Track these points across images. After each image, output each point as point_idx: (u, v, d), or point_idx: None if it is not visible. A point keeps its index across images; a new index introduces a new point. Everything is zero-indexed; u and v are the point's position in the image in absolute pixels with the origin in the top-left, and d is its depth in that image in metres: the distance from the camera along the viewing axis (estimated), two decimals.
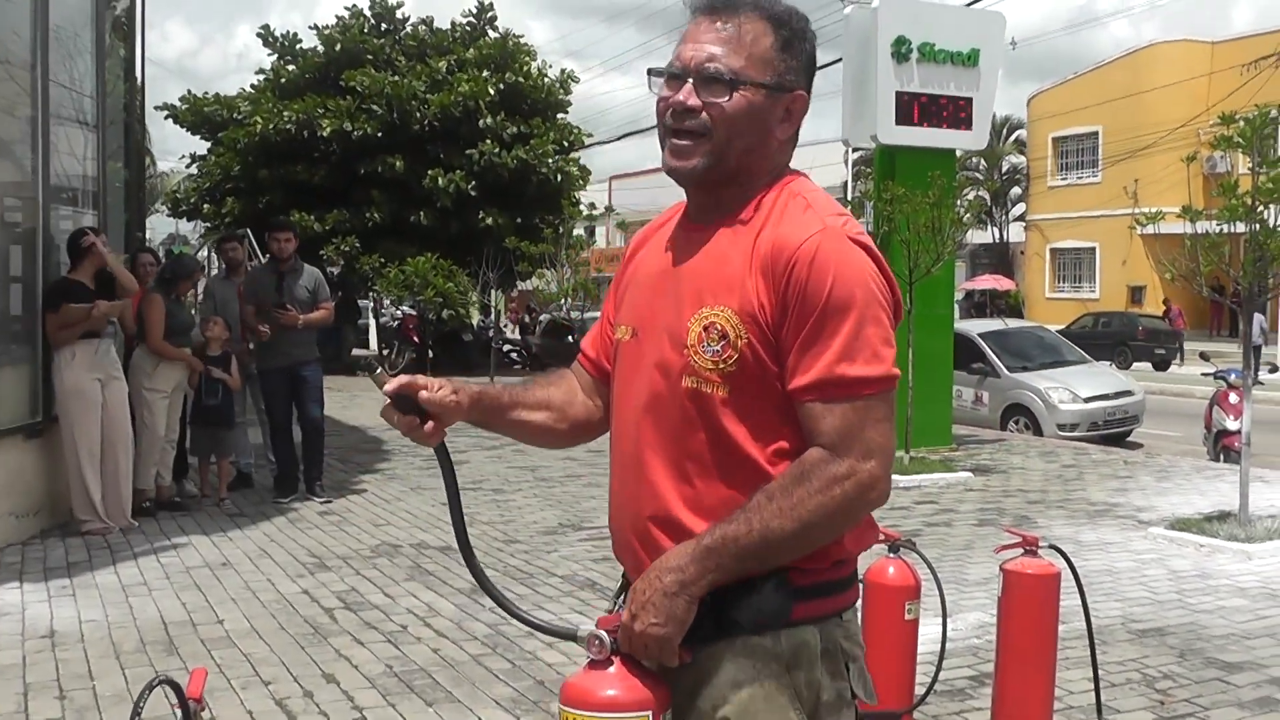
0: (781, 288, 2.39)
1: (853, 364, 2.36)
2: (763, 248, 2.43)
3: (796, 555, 2.43)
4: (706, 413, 2.46)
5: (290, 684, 6.37)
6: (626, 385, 2.64)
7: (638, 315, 2.64)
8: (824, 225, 2.43)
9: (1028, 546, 5.61)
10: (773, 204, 2.52)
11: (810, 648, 2.49)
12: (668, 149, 2.56)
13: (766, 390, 2.44)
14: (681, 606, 2.39)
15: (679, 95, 2.51)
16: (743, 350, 2.41)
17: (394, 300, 30.84)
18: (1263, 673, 6.79)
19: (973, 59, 15.68)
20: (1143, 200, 32.54)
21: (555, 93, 32.30)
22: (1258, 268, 10.20)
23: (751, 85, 2.48)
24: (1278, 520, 10.59)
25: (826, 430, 2.37)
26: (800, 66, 2.57)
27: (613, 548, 2.75)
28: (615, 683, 2.43)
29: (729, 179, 2.54)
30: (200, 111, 32.40)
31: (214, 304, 12.54)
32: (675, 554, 2.42)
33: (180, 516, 10.90)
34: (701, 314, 2.45)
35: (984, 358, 19.55)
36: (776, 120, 2.55)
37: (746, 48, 2.49)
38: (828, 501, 2.35)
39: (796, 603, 2.47)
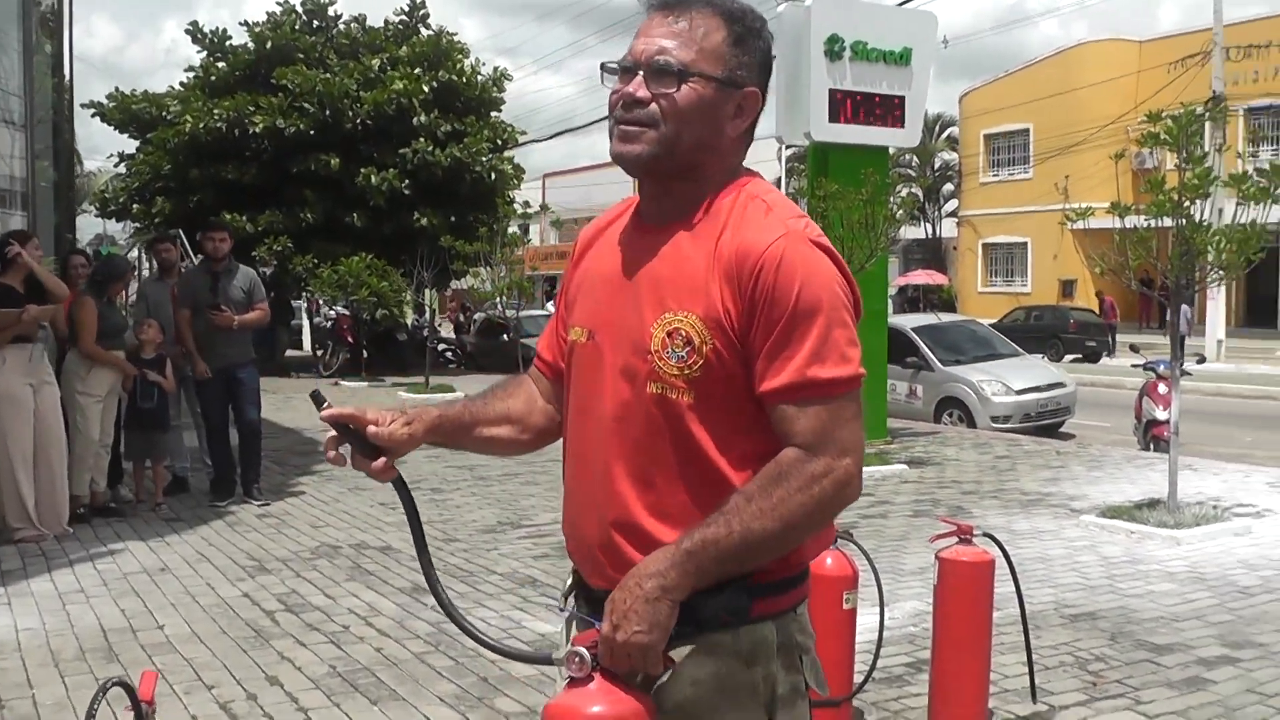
0: (749, 293, 2.41)
1: (824, 366, 2.40)
2: (725, 252, 2.45)
3: (776, 555, 2.47)
4: (672, 418, 2.47)
5: (234, 687, 6.37)
6: (586, 389, 2.63)
7: (594, 318, 2.64)
8: (787, 229, 2.45)
9: (962, 535, 5.73)
10: (731, 207, 2.52)
11: (768, 643, 2.52)
12: (615, 135, 2.55)
13: (731, 395, 2.46)
14: (664, 612, 2.39)
15: (629, 87, 2.52)
16: (708, 356, 2.43)
17: (328, 300, 30.67)
18: (1191, 654, 6.96)
19: (905, 58, 15.83)
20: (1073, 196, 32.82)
21: (489, 91, 32.22)
22: (1184, 261, 10.37)
23: (701, 78, 2.49)
24: (1206, 507, 10.83)
25: (802, 431, 2.41)
26: (754, 63, 2.58)
27: (568, 550, 2.76)
28: (600, 699, 2.41)
29: (680, 173, 2.55)
30: (128, 109, 32.05)
31: (147, 306, 12.42)
32: (654, 560, 2.41)
33: (116, 522, 10.82)
34: (664, 319, 2.47)
35: (918, 352, 19.74)
36: (728, 115, 2.55)
37: (698, 42, 2.50)
38: (807, 500, 2.38)
39: (755, 600, 2.49)
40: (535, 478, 13.08)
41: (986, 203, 55.38)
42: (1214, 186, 10.50)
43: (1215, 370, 29.40)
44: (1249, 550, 9.64)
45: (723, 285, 2.42)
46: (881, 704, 6.16)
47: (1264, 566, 9.07)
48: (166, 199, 30.80)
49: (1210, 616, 7.72)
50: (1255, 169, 10.50)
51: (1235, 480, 12.86)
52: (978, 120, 55.56)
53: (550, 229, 70.92)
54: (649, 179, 2.60)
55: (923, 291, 57.79)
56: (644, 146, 2.51)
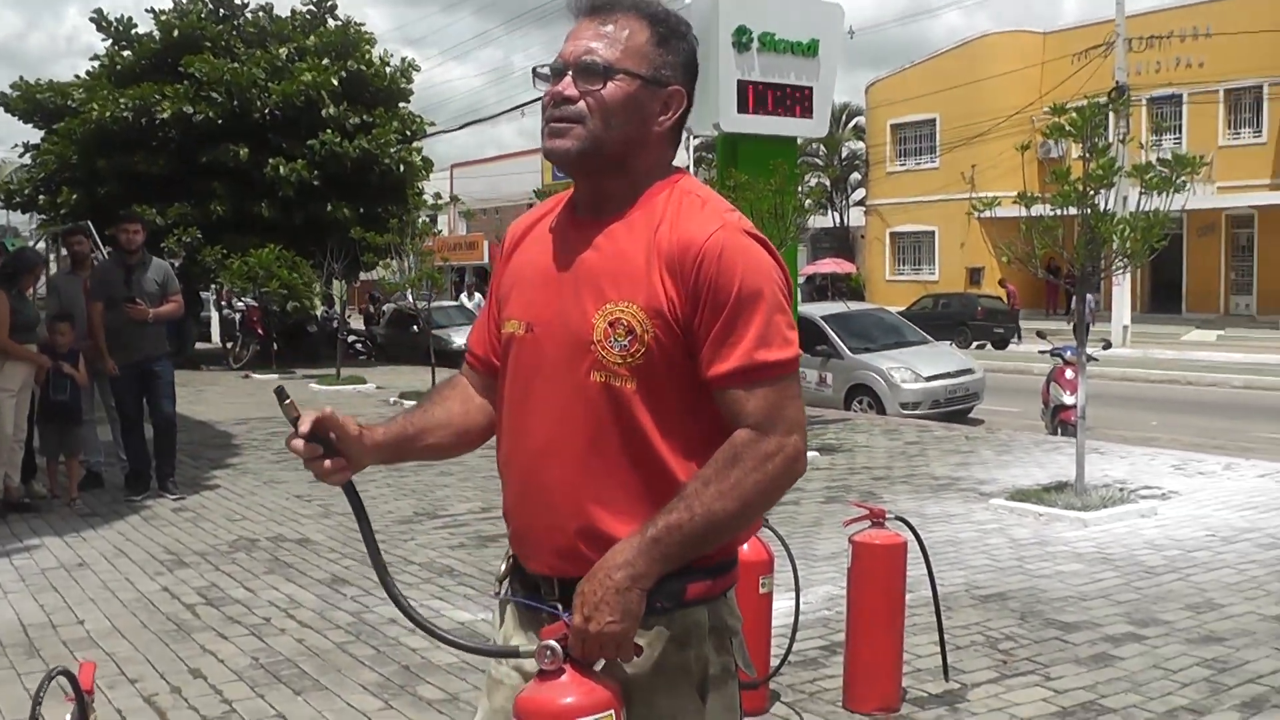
0: (691, 282, 2.50)
1: (769, 350, 2.50)
2: (665, 245, 2.54)
3: (737, 534, 2.59)
4: (616, 405, 2.55)
5: (157, 680, 6.38)
6: (527, 380, 2.70)
7: (532, 310, 2.71)
8: (724, 222, 2.55)
9: (875, 519, 5.87)
10: (666, 201, 2.62)
11: (700, 626, 2.62)
12: (546, 131, 2.64)
13: (673, 382, 2.55)
14: (635, 601, 2.45)
15: (558, 86, 2.62)
16: (649, 344, 2.52)
17: (237, 292, 30.46)
18: (1098, 631, 7.15)
19: (812, 49, 15.98)
20: (980, 185, 33.16)
21: (397, 81, 32.17)
22: (1090, 250, 10.58)
23: (626, 75, 2.59)
24: (1112, 490, 11.08)
25: (752, 412, 2.50)
26: (678, 63, 2.68)
27: (511, 538, 2.80)
28: (572, 689, 2.45)
29: (610, 167, 2.64)
30: (33, 99, 31.70)
31: (59, 299, 12.31)
32: (622, 550, 2.47)
33: (31, 518, 10.74)
34: (606, 309, 2.55)
35: (827, 340, 19.85)
36: (654, 112, 2.65)
37: (623, 42, 2.61)
38: (762, 478, 2.48)
39: (688, 585, 2.58)
40: (449, 468, 13.09)
41: (894, 192, 55.82)
42: (1118, 176, 10.71)
43: (1121, 355, 29.90)
44: (1154, 531, 9.87)
45: (664, 276, 2.52)
46: (797, 686, 6.28)
47: (1169, 547, 9.30)
48: (73, 190, 30.44)
49: (1117, 596, 7.92)
50: (1158, 158, 10.72)
51: (1141, 463, 13.14)
52: (884, 110, 55.96)
53: (459, 219, 70.67)
54: (580, 174, 2.69)
55: (831, 280, 58.19)
56: (573, 142, 2.60)
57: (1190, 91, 44.40)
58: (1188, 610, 7.58)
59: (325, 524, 10.42)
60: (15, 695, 6.16)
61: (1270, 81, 41.69)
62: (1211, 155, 40.41)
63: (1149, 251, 10.67)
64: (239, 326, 31.49)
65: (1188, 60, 44.53)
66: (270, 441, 15.66)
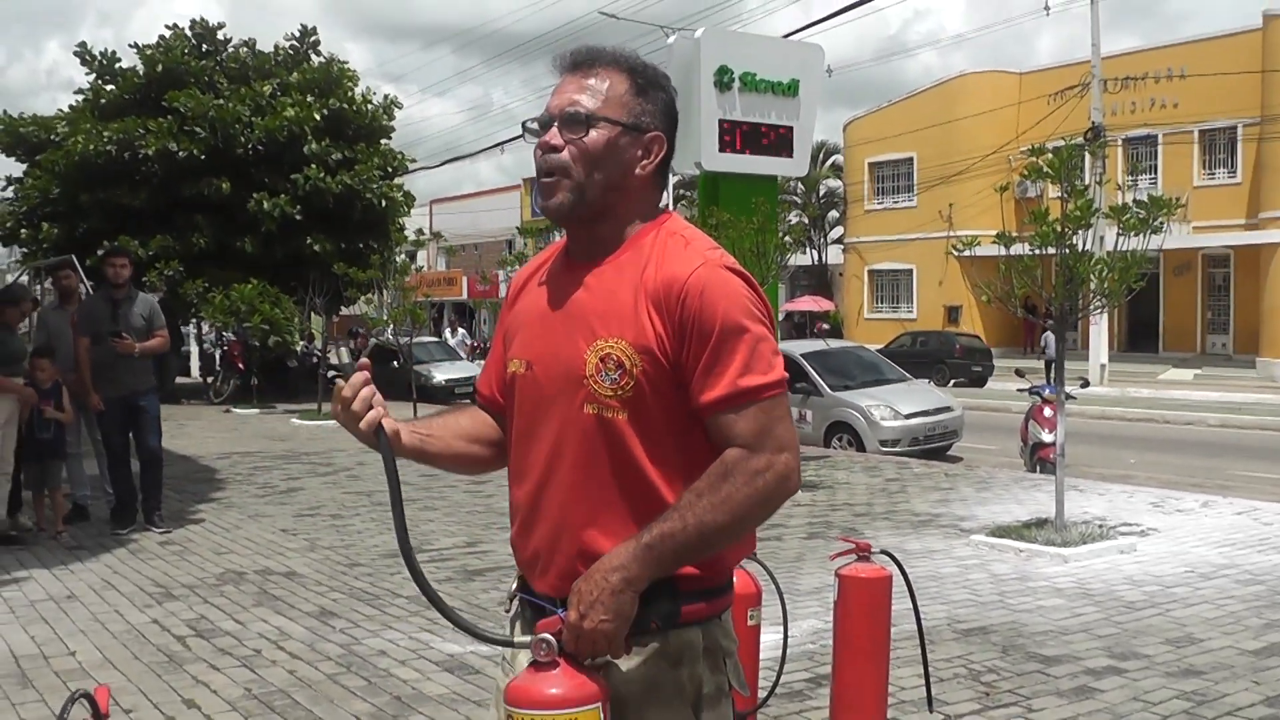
0: (677, 318, 2.64)
1: (754, 375, 2.63)
2: (651, 284, 2.68)
3: (726, 545, 2.70)
4: (608, 435, 2.69)
5: (151, 711, 6.44)
6: (528, 414, 2.84)
7: (530, 349, 2.86)
8: (705, 259, 2.69)
9: (861, 552, 5.95)
10: (653, 243, 2.77)
11: (694, 646, 2.74)
12: (538, 189, 2.81)
13: (661, 413, 2.69)
14: (627, 602, 2.59)
15: (546, 136, 2.78)
16: (638, 377, 2.66)
17: (219, 326, 30.48)
18: (1079, 664, 7.26)
19: (793, 89, 16.17)
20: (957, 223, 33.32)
21: (379, 118, 32.30)
22: (1068, 289, 10.72)
23: (607, 123, 2.76)
24: (1092, 526, 11.19)
25: (741, 432, 2.63)
26: (657, 111, 2.84)
27: (517, 559, 2.92)
28: (563, 681, 2.59)
29: (598, 215, 2.79)
30: (15, 132, 31.72)
31: (47, 334, 12.38)
32: (617, 554, 2.61)
33: (18, 551, 10.79)
34: (597, 345, 2.69)
35: (807, 377, 19.94)
36: (635, 157, 2.80)
37: (604, 93, 2.78)
38: (753, 493, 2.61)
39: (683, 606, 2.71)
40: (433, 503, 13.20)
41: (872, 230, 56.01)
42: (1095, 217, 10.88)
43: (1099, 394, 30.09)
44: (1134, 567, 9.99)
45: (651, 313, 2.66)
46: (784, 717, 6.37)
47: (1148, 583, 9.42)
48: (54, 224, 30.48)
49: (1097, 630, 8.03)
50: (1134, 200, 10.86)
51: (1120, 500, 13.26)
52: (862, 149, 56.20)
53: (439, 255, 70.78)
54: (571, 224, 2.85)
55: (809, 318, 58.37)
56: (562, 195, 2.77)
57: (1165, 132, 44.72)
58: (1167, 644, 7.69)
59: (311, 557, 10.48)
60: None
61: (1244, 122, 42.01)
62: (1187, 195, 40.68)
63: (1126, 291, 10.83)
64: (219, 361, 31.50)
65: (1163, 101, 44.84)
66: (254, 476, 15.71)
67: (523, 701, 2.60)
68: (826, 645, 7.14)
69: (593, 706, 2.59)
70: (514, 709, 2.62)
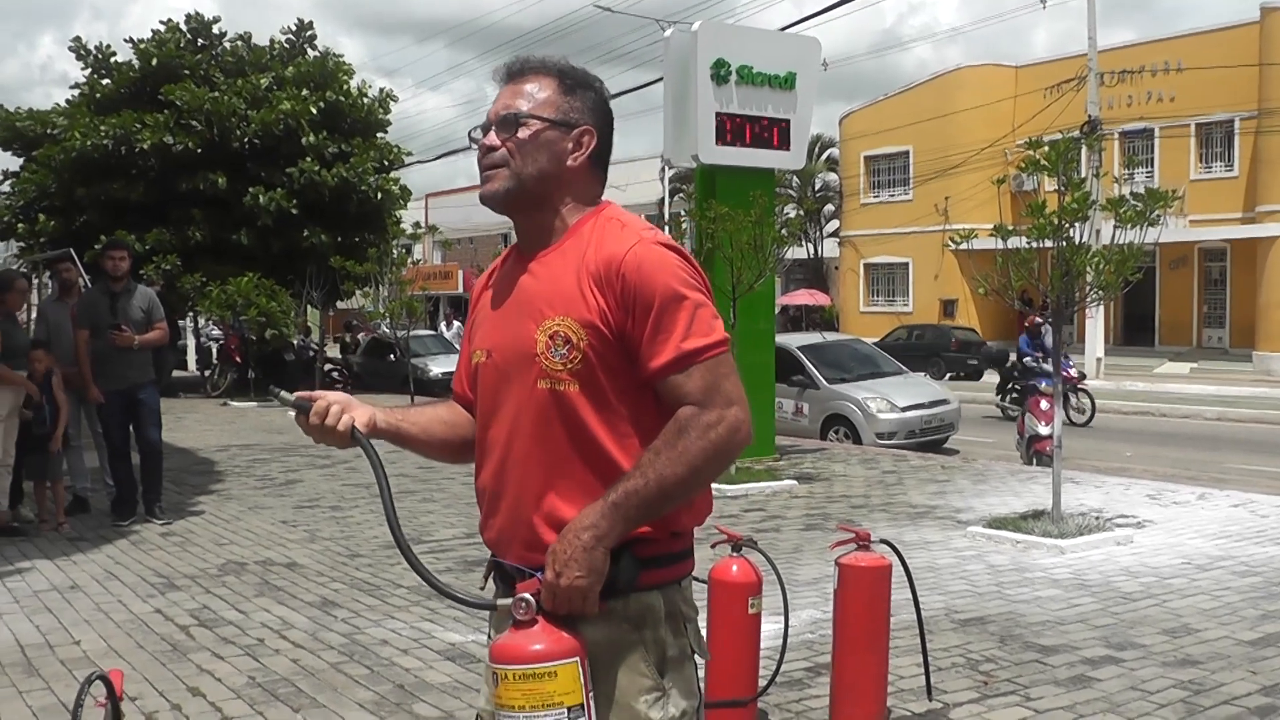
0: (619, 293, 2.85)
1: (695, 338, 2.83)
2: (591, 264, 2.90)
3: (686, 498, 2.89)
4: (562, 407, 2.89)
5: (157, 699, 6.49)
6: (491, 398, 3.05)
7: (490, 339, 3.08)
8: (639, 238, 2.92)
9: (860, 542, 6.03)
10: (592, 229, 2.99)
11: (655, 610, 2.92)
12: (480, 181, 3.07)
13: (610, 382, 2.89)
14: (599, 559, 2.78)
15: (485, 139, 3.05)
16: (585, 350, 2.86)
17: (215, 320, 30.51)
18: (1076, 654, 7.31)
19: (790, 82, 16.17)
20: (953, 217, 33.36)
21: (375, 112, 32.35)
22: (1065, 282, 10.76)
23: (537, 119, 3.00)
24: (1088, 518, 11.24)
25: (691, 391, 2.83)
26: (586, 108, 3.07)
27: (485, 538, 3.09)
28: (544, 637, 2.76)
29: (535, 203, 3.04)
30: (11, 126, 31.77)
31: (47, 327, 12.41)
32: (587, 514, 2.80)
33: (20, 542, 10.85)
34: (545, 325, 2.90)
35: (803, 370, 20.04)
36: (566, 150, 3.03)
37: (535, 96, 3.03)
38: (707, 445, 2.80)
39: (644, 571, 2.89)
40: (432, 495, 13.26)
41: (867, 223, 56.06)
42: (1092, 210, 10.92)
43: (1095, 387, 30.04)
44: (1130, 559, 10.04)
45: (594, 290, 2.88)
46: (784, 705, 6.42)
47: (1144, 574, 9.48)
48: (51, 217, 30.55)
49: (1094, 620, 8.09)
50: (1131, 192, 10.91)
51: (1116, 492, 13.33)
52: (858, 142, 56.22)
53: (435, 249, 70.80)
54: (511, 213, 3.08)
55: (805, 311, 58.43)
56: (499, 184, 3.02)
57: (1162, 125, 44.79)
58: (1164, 634, 7.74)
59: (312, 549, 10.53)
60: (19, 712, 6.27)
61: (1241, 116, 42.07)
62: (1183, 189, 40.81)
63: (1122, 284, 10.87)
64: (217, 354, 31.50)
65: (1159, 94, 44.91)
66: (253, 468, 15.76)
67: (506, 658, 2.76)
68: (825, 635, 7.22)
69: (571, 660, 2.76)
70: (499, 666, 2.77)
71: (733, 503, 12.91)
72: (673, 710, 2.92)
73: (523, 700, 2.73)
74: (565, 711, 2.73)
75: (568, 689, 2.75)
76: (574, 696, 2.75)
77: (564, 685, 2.74)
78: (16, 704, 6.40)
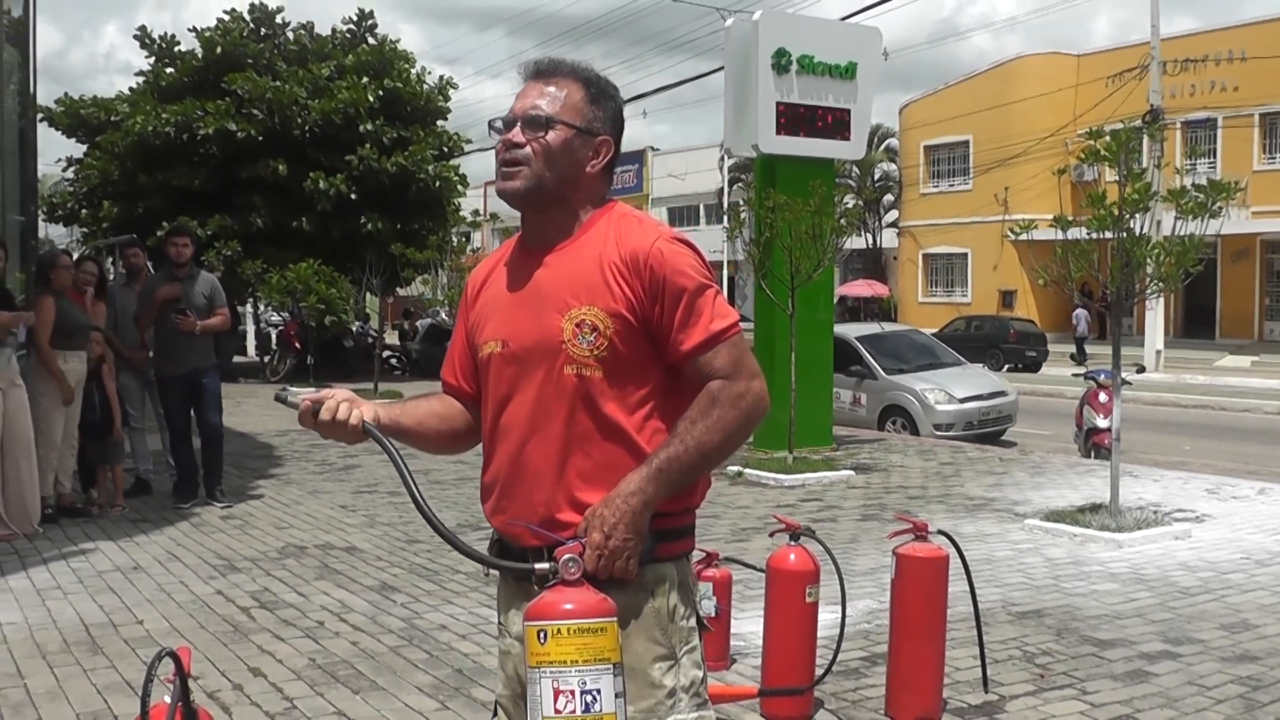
0: (646, 283, 3.03)
1: (720, 320, 3.05)
2: (615, 257, 3.07)
3: (719, 463, 3.14)
4: (587, 392, 3.04)
5: (219, 678, 6.58)
6: (507, 385, 3.16)
7: (504, 329, 3.19)
8: (659, 233, 3.11)
9: (918, 532, 6.04)
10: (608, 225, 3.16)
11: (668, 580, 3.10)
12: (499, 176, 3.18)
13: (633, 367, 3.06)
14: (645, 522, 2.96)
15: (510, 135, 3.16)
16: (611, 338, 3.03)
17: (275, 307, 30.71)
18: (1133, 649, 7.28)
19: (850, 71, 16.13)
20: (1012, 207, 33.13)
21: (434, 100, 32.39)
22: (1125, 274, 10.71)
23: (563, 125, 3.13)
24: (1146, 512, 11.16)
25: (720, 366, 3.03)
26: (607, 118, 3.22)
27: (495, 524, 3.22)
28: (587, 595, 2.85)
29: (552, 201, 3.16)
30: (76, 114, 32.06)
31: (115, 312, 12.55)
32: (630, 480, 2.96)
33: (84, 523, 11.03)
34: (571, 314, 3.05)
35: (861, 360, 19.98)
36: (586, 157, 3.18)
37: (562, 100, 3.15)
38: (738, 414, 3.02)
39: (659, 544, 3.06)
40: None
41: (926, 213, 55.87)
42: (1153, 201, 10.85)
43: (1154, 380, 29.96)
44: (1188, 553, 9.99)
45: (620, 281, 3.05)
46: (840, 694, 6.44)
47: (1203, 569, 9.42)
48: (114, 204, 30.85)
49: (1151, 615, 8.05)
50: (1193, 184, 10.83)
51: (1174, 486, 13.25)
52: (918, 132, 56.03)
53: (493, 236, 70.98)
54: (527, 208, 3.21)
55: (863, 302, 58.28)
56: (520, 182, 3.14)
57: (1225, 115, 44.44)
58: (1222, 630, 7.71)
59: (371, 533, 10.62)
60: (83, 689, 6.38)
61: None
62: (1246, 180, 40.42)
63: (1183, 276, 10.80)
64: (276, 340, 31.70)
65: (1222, 84, 44.57)
66: (312, 453, 15.89)
67: (559, 613, 2.82)
68: (881, 625, 7.24)
69: (614, 619, 2.86)
70: (550, 621, 2.82)
71: (790, 492, 12.93)
72: (683, 679, 3.09)
73: (576, 655, 2.78)
74: (611, 667, 2.81)
75: (613, 646, 2.84)
76: (617, 654, 2.84)
77: (610, 642, 2.83)
78: (81, 681, 6.51)
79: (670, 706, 3.04)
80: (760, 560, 6.80)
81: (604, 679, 2.79)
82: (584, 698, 2.77)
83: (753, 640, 6.89)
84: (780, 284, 14.40)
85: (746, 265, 16.47)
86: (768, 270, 14.70)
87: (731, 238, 16.70)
